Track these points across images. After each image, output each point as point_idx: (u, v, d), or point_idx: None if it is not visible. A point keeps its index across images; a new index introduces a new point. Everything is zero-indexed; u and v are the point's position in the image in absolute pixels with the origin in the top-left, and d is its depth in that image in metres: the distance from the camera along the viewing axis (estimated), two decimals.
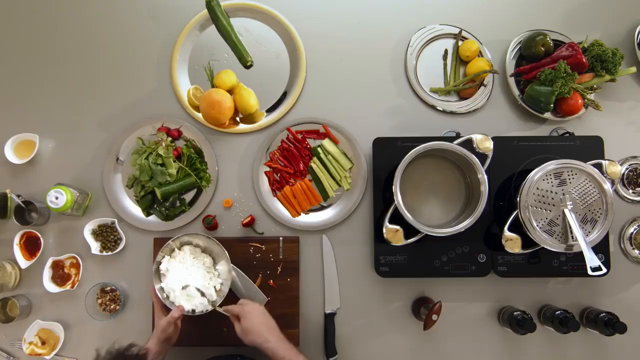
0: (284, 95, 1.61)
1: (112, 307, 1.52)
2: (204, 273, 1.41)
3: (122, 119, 1.60)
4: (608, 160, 1.40)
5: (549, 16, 1.64)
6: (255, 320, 1.27)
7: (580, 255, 1.33)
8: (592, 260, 1.29)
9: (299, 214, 1.56)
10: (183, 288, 1.38)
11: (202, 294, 1.39)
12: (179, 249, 1.44)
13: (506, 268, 1.46)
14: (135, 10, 1.65)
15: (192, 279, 1.39)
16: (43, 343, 1.50)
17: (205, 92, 1.54)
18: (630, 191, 1.57)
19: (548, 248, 1.35)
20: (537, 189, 1.36)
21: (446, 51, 1.63)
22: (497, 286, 1.53)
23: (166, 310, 1.37)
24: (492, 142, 1.41)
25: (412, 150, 1.37)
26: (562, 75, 1.48)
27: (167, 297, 1.39)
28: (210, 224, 1.52)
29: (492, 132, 1.46)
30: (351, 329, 1.53)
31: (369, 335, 1.50)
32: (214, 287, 1.41)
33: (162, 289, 1.39)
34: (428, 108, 1.61)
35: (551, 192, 1.36)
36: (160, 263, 1.41)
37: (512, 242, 1.38)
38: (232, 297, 1.46)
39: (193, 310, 1.37)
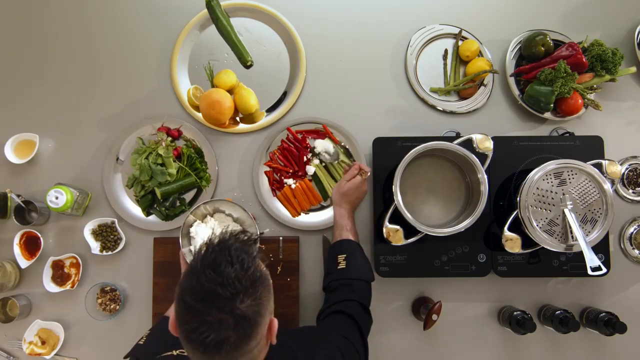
0: (284, 95, 1.61)
1: (112, 307, 1.52)
2: None
3: (122, 119, 1.60)
4: (608, 160, 1.40)
5: (549, 16, 1.64)
6: (353, 190, 1.40)
7: (580, 255, 1.33)
8: (592, 260, 1.29)
9: (299, 214, 1.56)
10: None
11: None
12: (212, 216, 1.45)
13: (506, 268, 1.46)
14: (135, 10, 1.65)
15: None
16: (43, 343, 1.50)
17: (205, 92, 1.54)
18: (630, 191, 1.57)
19: (548, 248, 1.35)
20: (537, 189, 1.36)
21: (446, 51, 1.63)
22: (497, 286, 1.53)
23: None
24: (492, 142, 1.41)
25: (412, 150, 1.37)
26: (562, 75, 1.48)
27: None
28: None
29: (492, 132, 1.46)
30: None
31: (369, 335, 1.49)
32: None
33: (190, 251, 1.41)
34: (428, 108, 1.61)
35: (551, 192, 1.37)
36: (190, 226, 1.42)
37: (512, 242, 1.38)
38: None
39: None
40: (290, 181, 1.55)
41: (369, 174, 1.44)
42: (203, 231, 1.41)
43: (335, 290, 1.26)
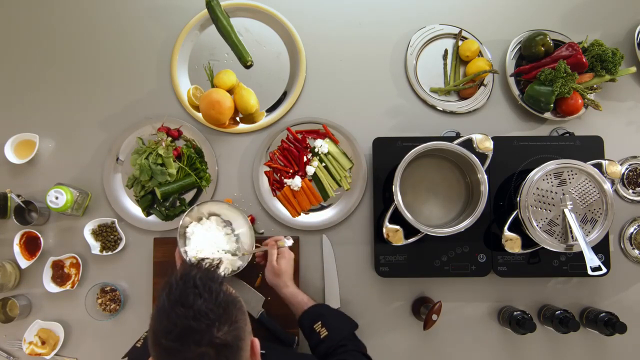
0: (284, 95, 1.61)
1: (112, 307, 1.52)
2: (227, 241, 1.44)
3: (122, 119, 1.60)
4: (608, 160, 1.40)
5: (549, 16, 1.64)
6: (289, 264, 1.36)
7: (580, 255, 1.33)
8: (592, 260, 1.29)
9: (299, 214, 1.56)
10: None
11: (232, 254, 1.43)
12: (207, 218, 1.45)
13: (506, 268, 1.46)
14: (135, 10, 1.65)
15: (217, 245, 1.42)
16: (43, 343, 1.50)
17: (205, 92, 1.54)
18: (630, 191, 1.57)
19: (548, 248, 1.35)
20: (537, 189, 1.36)
21: (446, 51, 1.63)
22: (497, 286, 1.53)
23: None
24: (492, 142, 1.41)
25: (412, 150, 1.37)
26: (562, 75, 1.48)
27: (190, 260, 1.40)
28: None
29: (492, 132, 1.47)
30: None
31: (369, 335, 1.49)
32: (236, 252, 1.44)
33: (186, 252, 1.41)
34: (428, 108, 1.61)
35: (551, 192, 1.37)
36: (186, 227, 1.43)
37: (512, 242, 1.38)
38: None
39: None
40: (297, 180, 1.53)
41: (291, 241, 1.38)
42: (199, 232, 1.42)
43: (332, 355, 1.23)
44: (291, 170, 1.56)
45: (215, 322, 0.82)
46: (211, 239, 1.42)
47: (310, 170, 1.54)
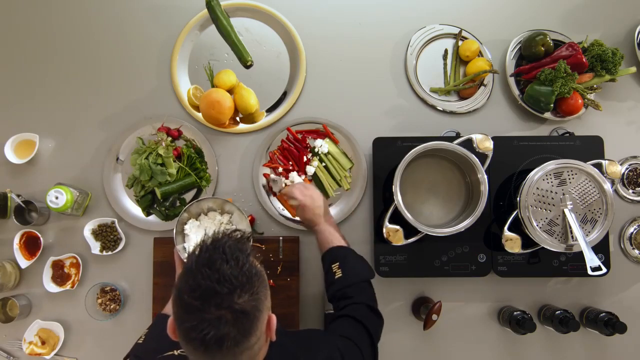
0: (284, 95, 1.61)
1: (112, 307, 1.52)
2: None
3: (122, 119, 1.60)
4: (608, 160, 1.40)
5: (549, 16, 1.64)
6: (320, 201, 1.36)
7: (580, 255, 1.33)
8: (592, 260, 1.29)
9: None
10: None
11: None
12: (205, 214, 1.45)
13: (506, 268, 1.46)
14: (135, 11, 1.65)
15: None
16: (43, 343, 1.50)
17: (205, 92, 1.55)
18: (630, 191, 1.57)
19: (548, 248, 1.35)
20: (537, 188, 1.36)
21: (446, 51, 1.63)
22: (497, 286, 1.53)
23: None
24: (492, 142, 1.41)
25: (412, 150, 1.37)
26: (562, 75, 1.48)
27: None
28: None
29: (492, 132, 1.47)
30: None
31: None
32: None
33: (184, 248, 1.41)
34: (428, 108, 1.61)
35: (551, 192, 1.37)
36: (185, 224, 1.43)
37: (512, 242, 1.38)
38: None
39: None
40: (296, 178, 1.53)
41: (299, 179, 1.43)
42: (197, 229, 1.42)
43: (340, 299, 1.25)
44: (289, 169, 1.56)
45: (237, 289, 0.85)
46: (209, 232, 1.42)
47: (310, 170, 1.54)
